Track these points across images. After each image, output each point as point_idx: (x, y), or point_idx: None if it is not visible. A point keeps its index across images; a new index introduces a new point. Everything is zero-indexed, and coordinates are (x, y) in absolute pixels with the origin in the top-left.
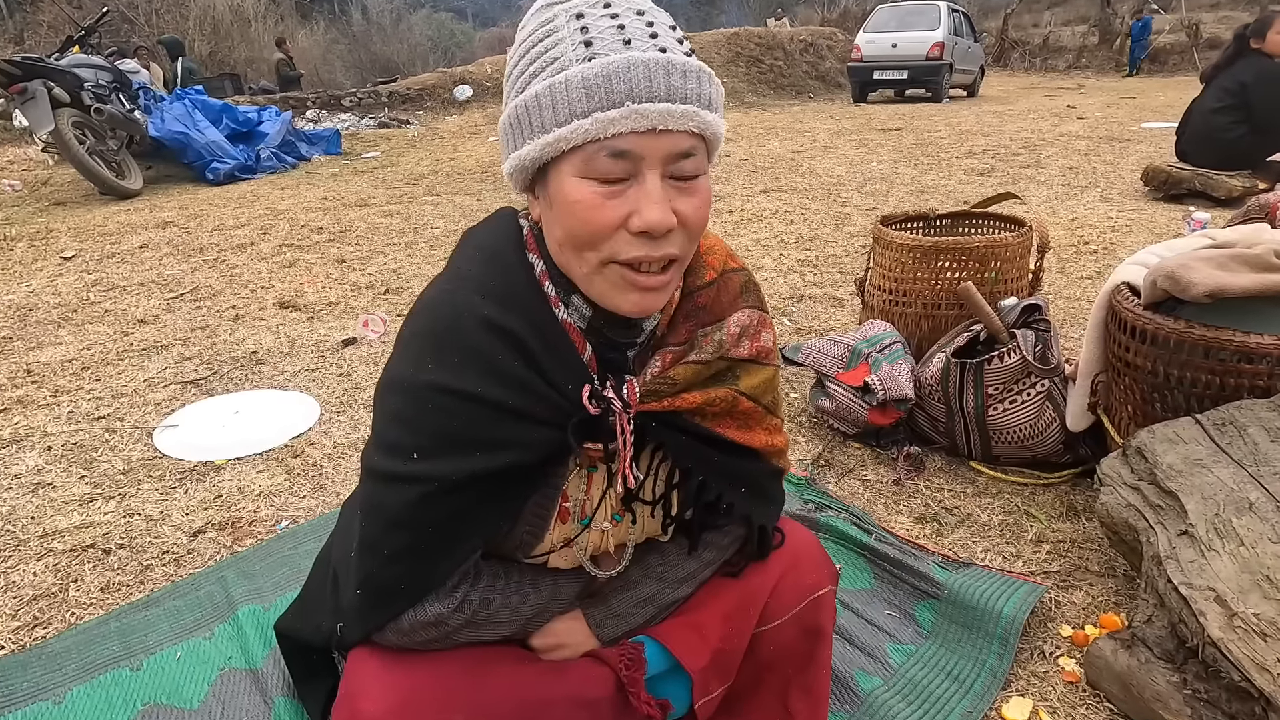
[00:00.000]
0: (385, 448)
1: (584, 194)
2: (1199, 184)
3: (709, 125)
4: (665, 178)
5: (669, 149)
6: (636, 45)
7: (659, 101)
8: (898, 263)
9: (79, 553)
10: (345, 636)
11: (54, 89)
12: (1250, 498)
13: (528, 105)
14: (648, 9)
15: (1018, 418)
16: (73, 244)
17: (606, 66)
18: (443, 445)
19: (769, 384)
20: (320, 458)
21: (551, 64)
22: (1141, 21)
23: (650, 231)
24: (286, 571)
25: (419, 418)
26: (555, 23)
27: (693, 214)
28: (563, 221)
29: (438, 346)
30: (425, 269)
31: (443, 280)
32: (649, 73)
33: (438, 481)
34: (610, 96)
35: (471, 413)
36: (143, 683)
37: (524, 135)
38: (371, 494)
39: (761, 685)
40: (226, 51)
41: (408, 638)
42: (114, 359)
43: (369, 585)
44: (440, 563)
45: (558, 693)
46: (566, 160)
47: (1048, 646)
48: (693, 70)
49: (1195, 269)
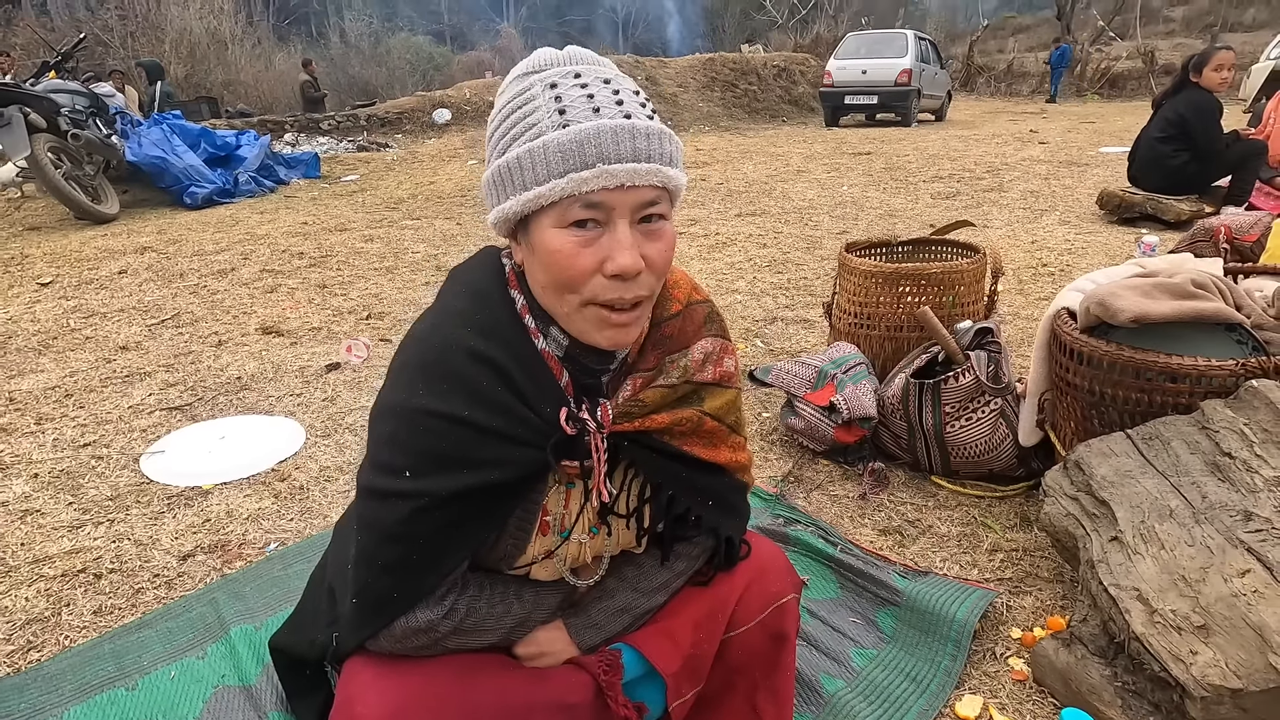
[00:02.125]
0: (379, 468)
1: (562, 243)
2: (1150, 208)
3: (671, 179)
4: (633, 225)
5: (636, 201)
6: (605, 113)
7: (626, 162)
8: (862, 287)
9: (70, 577)
10: (341, 645)
11: (30, 115)
12: (1171, 505)
13: (509, 165)
14: (613, 78)
15: (974, 434)
16: (49, 270)
17: (579, 133)
18: (432, 465)
19: (731, 405)
20: (307, 481)
21: (530, 129)
22: (1059, 50)
23: (622, 275)
24: (276, 592)
25: (411, 440)
26: (531, 91)
27: (658, 256)
28: (544, 267)
29: (427, 375)
30: (407, 293)
31: (431, 315)
32: (616, 137)
33: (428, 497)
34: (583, 159)
35: (459, 435)
36: (139, 702)
37: (506, 192)
38: (367, 510)
39: (731, 688)
40: (203, 74)
41: (400, 644)
42: (97, 386)
43: (365, 595)
44: (430, 572)
45: (541, 698)
46: (545, 213)
47: (999, 648)
48: (655, 132)
49: (1122, 297)
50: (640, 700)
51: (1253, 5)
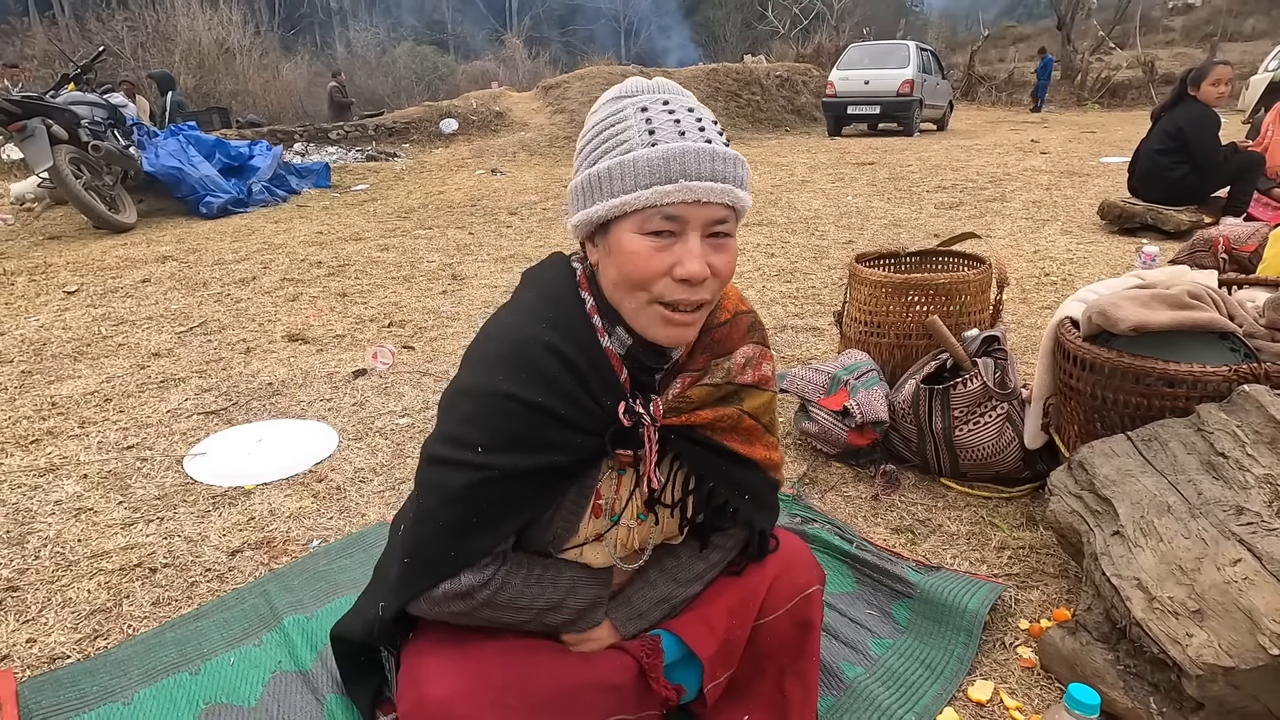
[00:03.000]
0: (452, 440)
1: (639, 246)
2: (1150, 218)
3: (740, 200)
4: (703, 238)
5: (708, 216)
6: (689, 136)
7: (705, 180)
8: (872, 297)
9: (127, 571)
10: (386, 609)
11: (52, 126)
12: (1169, 501)
13: (599, 175)
14: (696, 107)
15: (981, 437)
16: (73, 278)
17: (666, 151)
18: (505, 442)
19: (767, 406)
20: (343, 482)
21: (620, 145)
22: (1044, 61)
23: (690, 280)
24: (324, 585)
25: (488, 419)
26: (624, 113)
27: (723, 266)
28: (620, 267)
29: (507, 365)
30: (425, 302)
31: (510, 312)
32: (699, 158)
33: (498, 469)
34: (668, 174)
35: (532, 419)
36: (202, 685)
37: (594, 198)
38: (434, 477)
39: (761, 672)
40: (212, 85)
41: (438, 607)
42: (134, 391)
43: (419, 552)
44: (483, 537)
45: (589, 679)
46: (627, 220)
47: (1008, 638)
48: (730, 157)
49: (1122, 307)
50: (679, 682)
51: (1252, 15)
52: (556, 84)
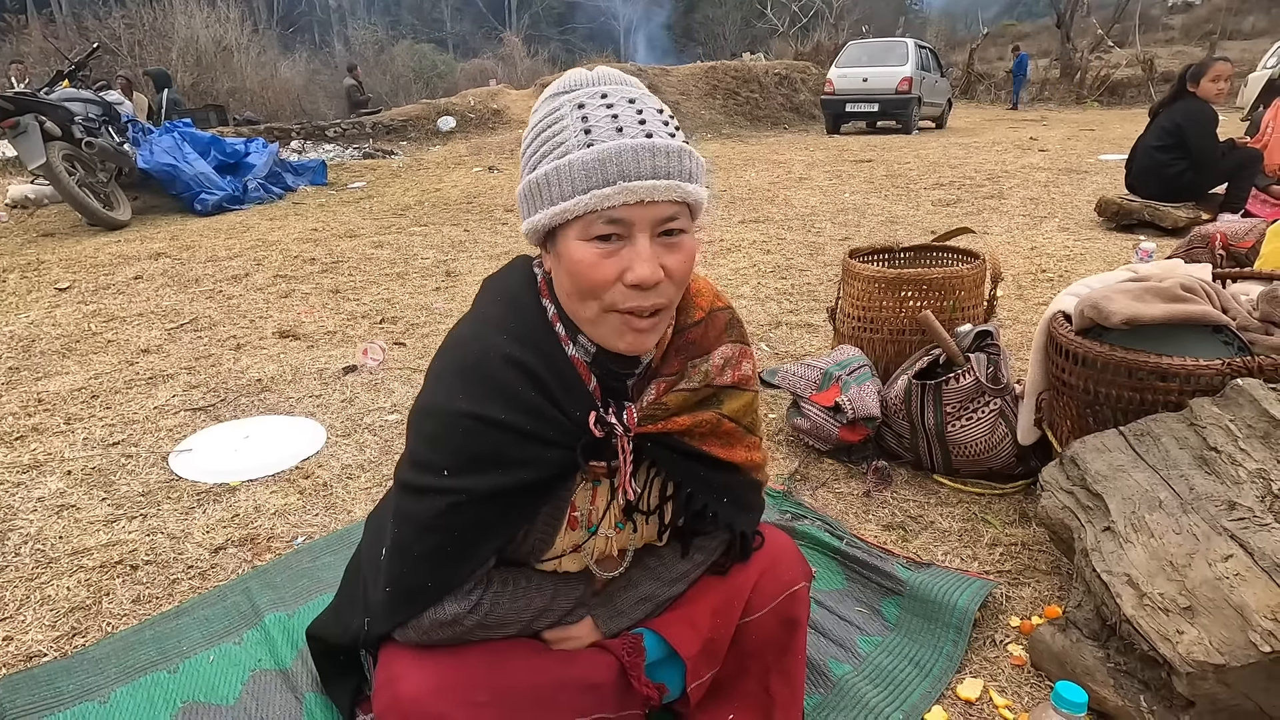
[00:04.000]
0: (419, 465)
1: (585, 254)
2: (1148, 215)
3: (689, 194)
4: (654, 238)
5: (655, 215)
6: (627, 132)
7: (645, 179)
8: (865, 293)
9: (108, 568)
10: (371, 631)
11: (45, 123)
12: (1160, 497)
13: (538, 181)
14: (638, 97)
15: (974, 433)
16: (66, 275)
17: (602, 152)
18: (470, 464)
19: (749, 407)
20: (330, 479)
21: (557, 148)
22: (1019, 59)
23: (641, 284)
24: (306, 583)
25: (450, 440)
26: (560, 111)
27: (677, 267)
28: (569, 276)
29: (466, 380)
30: (418, 299)
31: (468, 322)
32: (637, 156)
33: (465, 494)
34: (605, 177)
35: (495, 437)
36: (180, 683)
37: (536, 206)
38: (405, 504)
39: (745, 670)
40: (209, 82)
41: (426, 635)
42: (122, 387)
43: (398, 584)
44: (462, 564)
45: (568, 677)
46: (571, 226)
47: (999, 635)
48: (674, 150)
49: (1115, 300)
50: (661, 681)
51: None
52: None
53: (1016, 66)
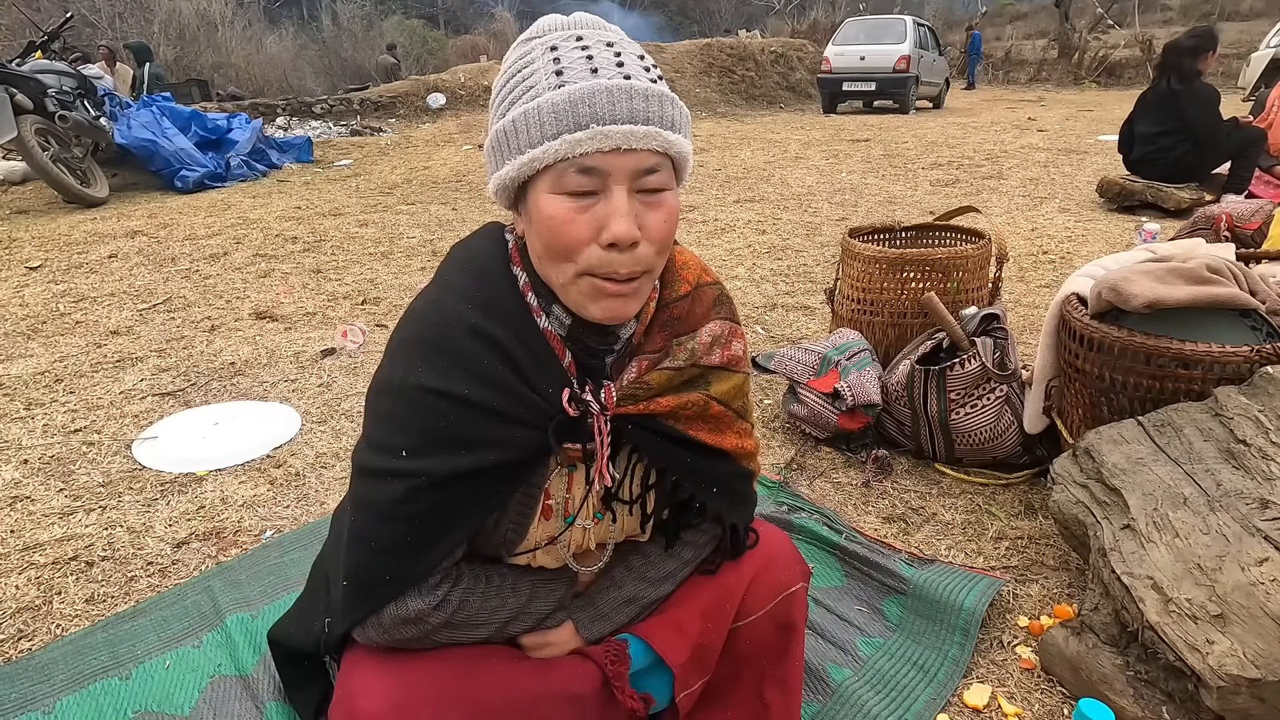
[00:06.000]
0: (376, 447)
1: (557, 209)
2: (1150, 196)
3: (672, 144)
4: (632, 193)
5: (633, 166)
6: (603, 73)
7: (621, 123)
8: (865, 274)
9: (61, 565)
10: (331, 631)
11: (16, 95)
12: (1184, 493)
13: (506, 129)
14: (616, 40)
15: (978, 421)
16: (38, 253)
17: (574, 93)
18: (431, 444)
19: (739, 390)
20: (303, 468)
21: (527, 91)
22: (973, 38)
23: (618, 243)
24: (273, 580)
25: (409, 418)
26: (532, 54)
27: (657, 228)
28: (540, 235)
29: (426, 352)
30: (402, 279)
31: (431, 290)
32: (612, 98)
33: (425, 477)
34: (577, 120)
35: (459, 413)
36: (133, 691)
37: (504, 156)
38: (362, 490)
39: (738, 678)
40: (193, 57)
41: (388, 634)
42: (88, 371)
43: (357, 576)
44: (425, 555)
45: (546, 689)
46: (541, 178)
47: (1006, 636)
48: (654, 95)
49: (1135, 282)
50: (647, 691)
51: None
52: None
53: (971, 46)
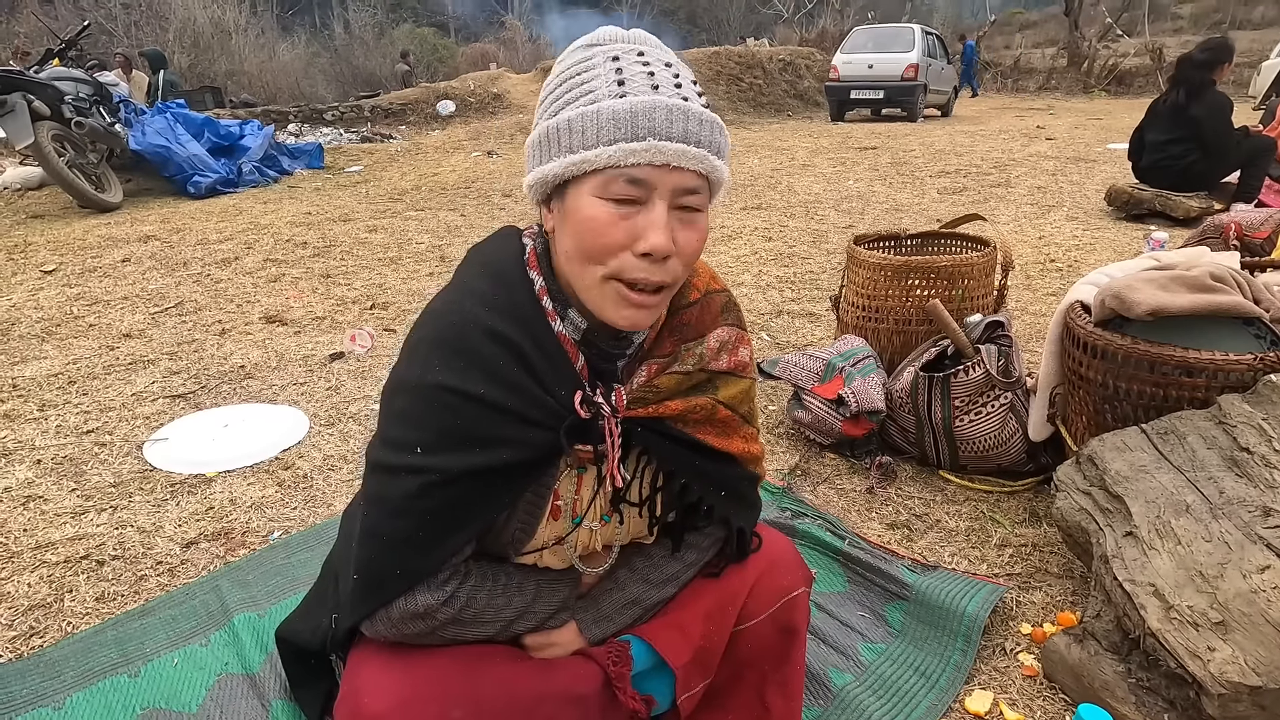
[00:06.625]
0: (391, 443)
1: (598, 212)
2: (1159, 204)
3: (715, 169)
4: (671, 208)
5: (678, 183)
6: (663, 91)
7: (676, 141)
8: (870, 281)
9: (73, 564)
10: (339, 626)
11: (34, 102)
12: (1187, 500)
13: (559, 127)
14: (675, 62)
15: (983, 428)
16: (53, 257)
17: (635, 105)
18: (445, 441)
19: (745, 395)
20: (310, 470)
21: (586, 95)
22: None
23: (653, 254)
24: (280, 580)
25: (425, 416)
26: (593, 61)
27: (688, 245)
28: (576, 235)
29: (444, 352)
30: (411, 284)
31: (449, 292)
32: (670, 116)
33: (439, 473)
34: (635, 130)
35: (473, 412)
36: (141, 688)
37: (551, 153)
38: (375, 485)
39: (740, 681)
40: (207, 64)
41: (396, 629)
42: (100, 373)
43: (368, 570)
44: (435, 550)
45: (549, 689)
46: (587, 180)
47: (1009, 643)
48: (707, 120)
49: (1139, 290)
50: (649, 693)
51: (1262, 3)
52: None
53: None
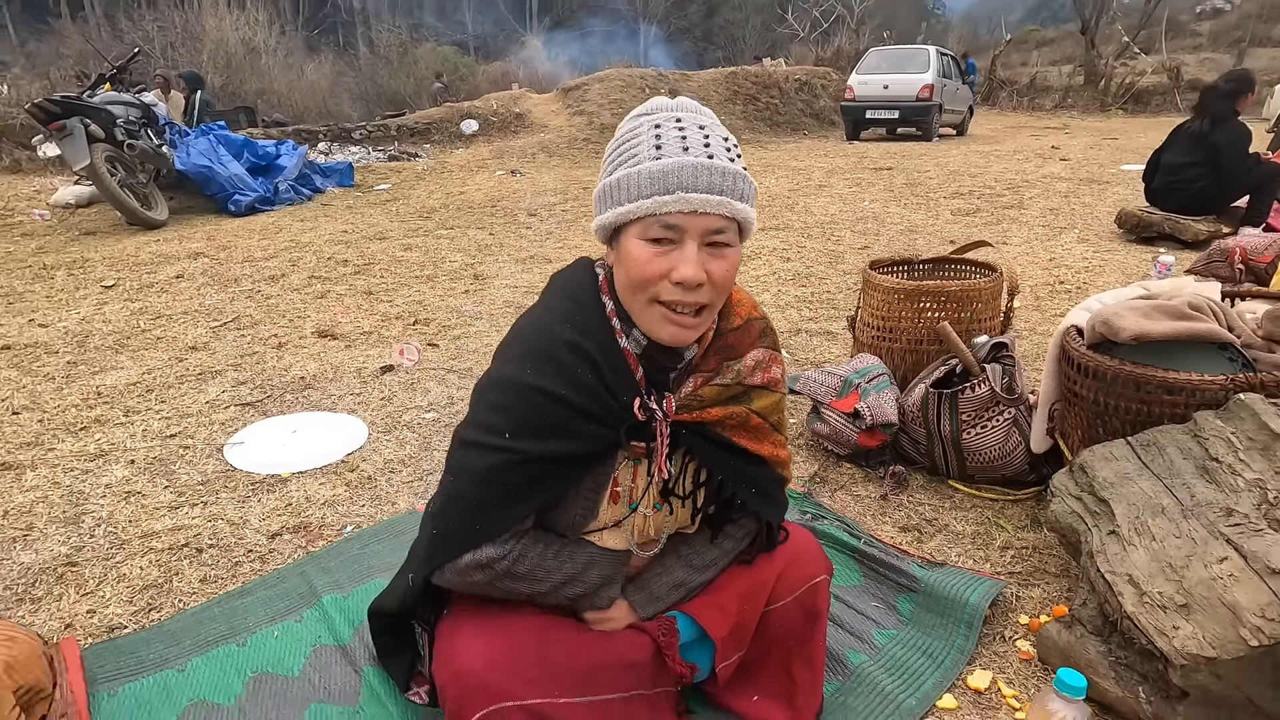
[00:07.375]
0: (483, 427)
1: (641, 251)
2: (1168, 227)
3: (738, 212)
4: (702, 245)
5: (704, 226)
6: (692, 151)
7: (700, 192)
8: (885, 303)
9: (176, 551)
10: (414, 581)
11: (90, 125)
12: (1163, 503)
13: (612, 185)
14: (708, 124)
15: (988, 441)
16: (110, 273)
17: (667, 165)
18: (529, 429)
19: (775, 406)
20: (374, 472)
21: (632, 158)
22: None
23: (685, 283)
24: (358, 567)
25: (514, 408)
26: (639, 129)
27: (719, 273)
28: (626, 268)
29: (535, 360)
30: (449, 301)
31: (538, 309)
32: (695, 172)
33: (522, 454)
34: (666, 186)
35: (555, 409)
36: (249, 655)
37: (606, 205)
38: (463, 458)
39: (769, 656)
40: (238, 84)
41: (461, 576)
42: (174, 382)
43: (446, 527)
44: (504, 516)
45: (608, 657)
46: (633, 226)
47: (1008, 632)
48: (729, 172)
49: (1125, 317)
50: (692, 661)
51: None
52: (576, 86)
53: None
